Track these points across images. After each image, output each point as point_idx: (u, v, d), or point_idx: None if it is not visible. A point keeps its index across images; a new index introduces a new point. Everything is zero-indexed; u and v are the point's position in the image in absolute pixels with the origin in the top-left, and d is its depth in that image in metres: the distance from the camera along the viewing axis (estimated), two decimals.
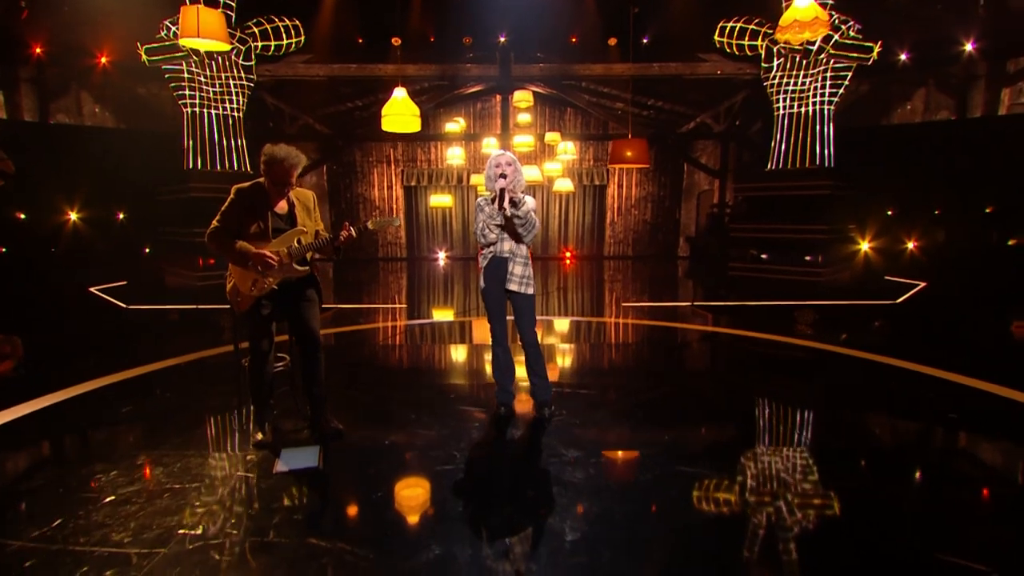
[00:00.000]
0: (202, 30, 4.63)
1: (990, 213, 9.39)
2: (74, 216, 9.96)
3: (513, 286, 3.40)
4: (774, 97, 10.10)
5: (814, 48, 9.37)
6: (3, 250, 9.13)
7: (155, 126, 10.71)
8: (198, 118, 9.75)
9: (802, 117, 9.82)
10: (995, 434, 3.53)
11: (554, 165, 11.19)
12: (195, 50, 8.87)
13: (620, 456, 3.17)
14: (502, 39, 11.88)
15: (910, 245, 10.22)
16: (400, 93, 6.82)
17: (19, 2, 9.33)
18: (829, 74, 9.48)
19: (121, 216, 10.61)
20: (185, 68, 9.50)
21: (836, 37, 9.11)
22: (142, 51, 9.19)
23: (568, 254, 14.48)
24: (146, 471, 2.88)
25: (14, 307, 7.26)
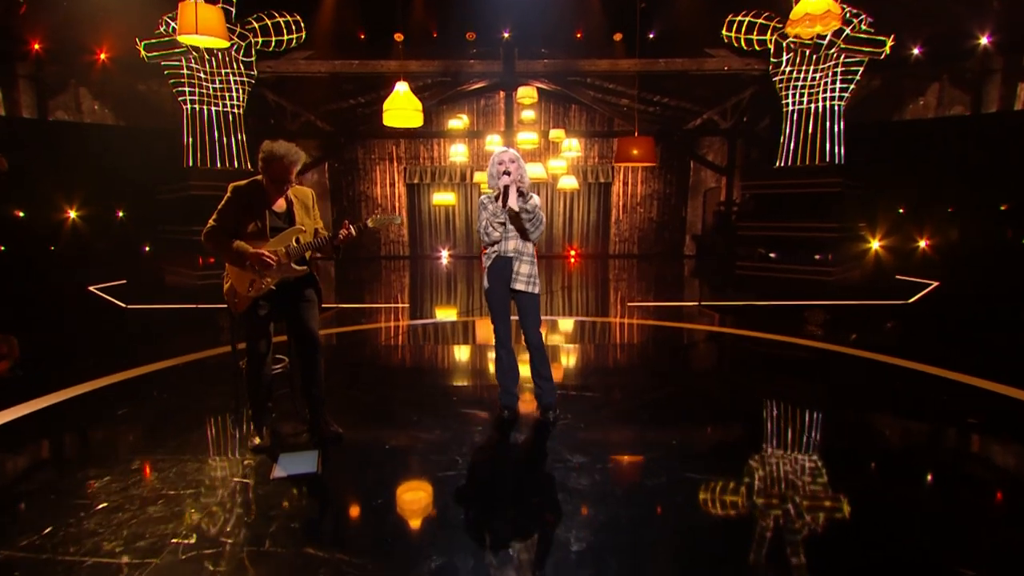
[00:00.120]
0: (201, 26, 4.57)
1: (1005, 211, 9.24)
2: (73, 214, 9.90)
3: (520, 285, 3.34)
4: (783, 93, 9.96)
5: (824, 42, 9.22)
6: (1, 248, 9.06)
7: (155, 123, 10.65)
8: (198, 115, 9.67)
9: (812, 113, 9.70)
10: (1011, 437, 3.45)
11: (559, 162, 11.09)
12: (194, 46, 8.78)
13: (626, 461, 3.09)
14: (506, 34, 11.78)
15: (922, 243, 10.08)
16: (402, 87, 6.73)
17: None
18: (840, 69, 9.34)
19: (121, 214, 10.56)
20: (184, 64, 9.42)
21: (847, 31, 8.97)
22: (141, 47, 9.12)
23: (572, 252, 14.37)
24: (140, 476, 2.83)
25: (12, 306, 7.20)
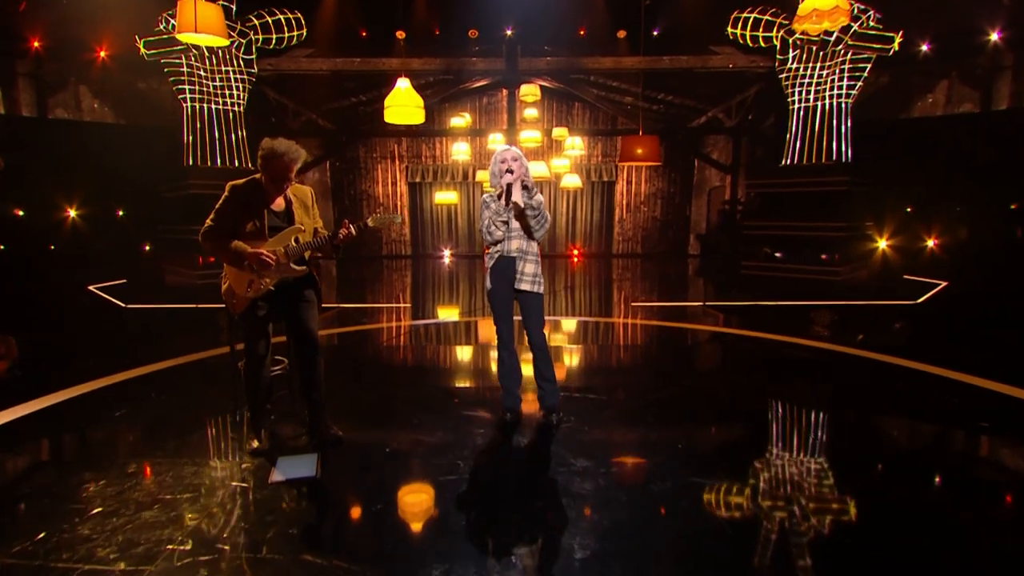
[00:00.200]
0: (200, 24, 4.51)
1: (1015, 209, 9.11)
2: (73, 213, 9.85)
3: (526, 285, 3.29)
4: (789, 90, 9.87)
5: (832, 39, 9.11)
6: (1, 248, 9.00)
7: (155, 121, 10.58)
8: (198, 113, 9.60)
9: (818, 111, 9.60)
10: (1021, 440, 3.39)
11: (562, 161, 11.00)
12: (194, 44, 8.70)
13: (630, 465, 3.03)
14: (509, 32, 11.71)
15: (930, 243, 9.97)
16: (403, 83, 6.65)
17: None
18: (847, 66, 9.24)
19: (120, 213, 10.49)
20: (184, 62, 9.35)
21: (855, 27, 8.85)
22: (140, 44, 9.06)
23: (576, 252, 14.28)
24: (137, 479, 2.78)
25: (11, 306, 7.17)
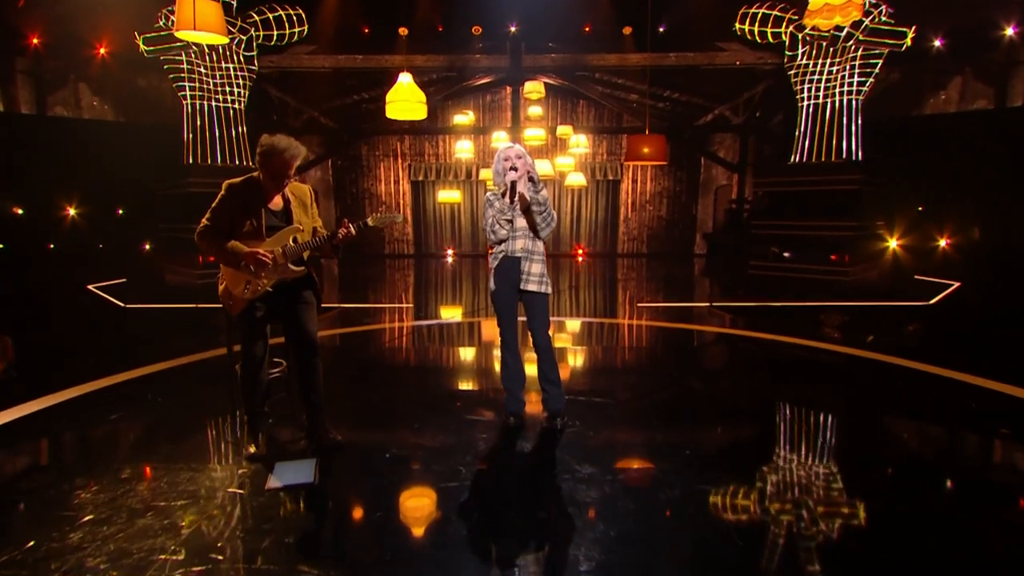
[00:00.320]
0: (198, 22, 4.40)
1: None
2: (72, 212, 9.78)
3: (532, 286, 3.21)
4: (798, 87, 9.67)
5: (842, 34, 8.90)
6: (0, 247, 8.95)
7: (155, 119, 10.49)
8: (198, 110, 9.50)
9: (828, 108, 9.40)
10: None
11: (566, 159, 10.84)
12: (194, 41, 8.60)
13: (637, 472, 2.94)
14: (512, 29, 11.54)
15: (942, 242, 9.77)
16: (405, 79, 6.55)
17: None
18: (858, 62, 9.02)
19: (120, 212, 10.41)
20: (184, 59, 9.24)
21: (867, 22, 8.63)
22: (140, 41, 8.96)
23: (580, 251, 14.12)
24: (130, 486, 2.70)
25: (9, 305, 7.12)
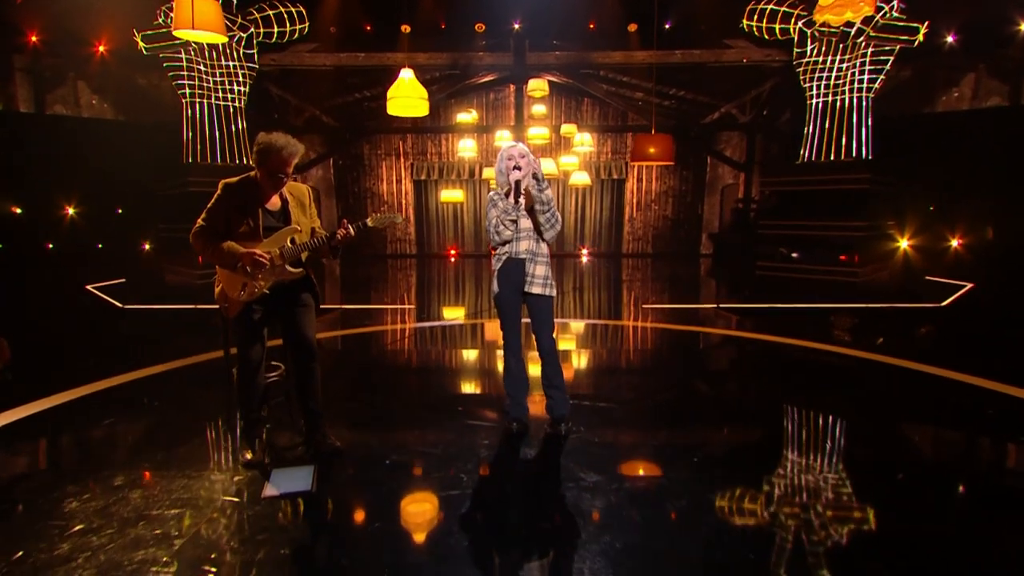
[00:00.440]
0: (197, 21, 4.31)
1: None
2: (71, 211, 9.70)
3: (537, 288, 3.15)
4: (807, 84, 9.50)
5: (853, 30, 8.71)
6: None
7: (155, 118, 10.40)
8: (198, 108, 9.39)
9: (837, 105, 9.22)
10: None
11: (570, 158, 10.70)
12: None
13: (644, 481, 2.85)
14: (516, 26, 11.39)
15: (954, 243, 9.58)
16: (407, 74, 6.43)
17: None
18: (868, 59, 8.84)
19: (120, 211, 10.32)
20: (184, 56, 9.14)
21: (877, 17, 8.45)
22: (139, 38, 8.85)
23: (584, 251, 13.97)
24: (123, 493, 2.62)
25: (6, 306, 7.07)
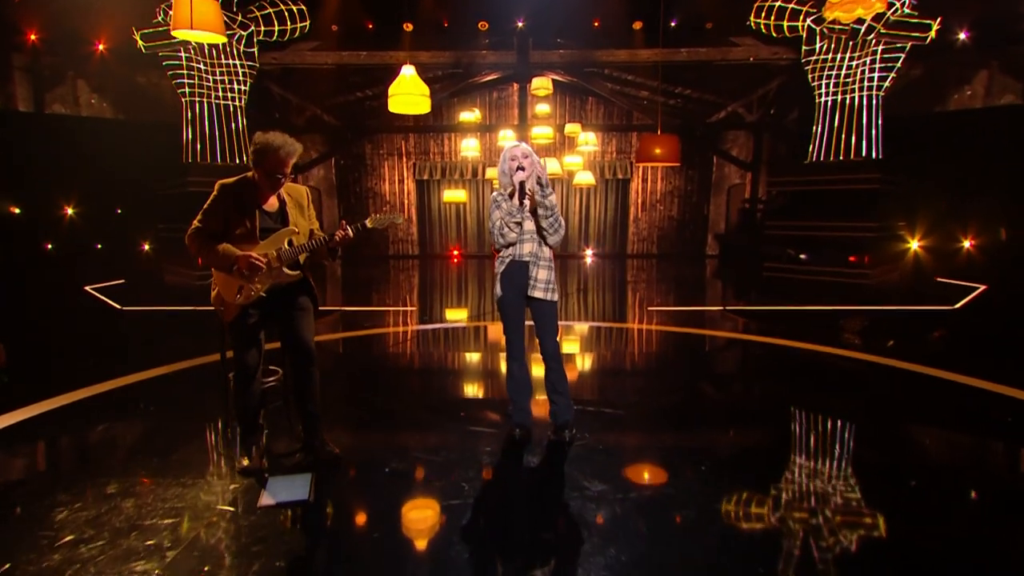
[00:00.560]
0: (196, 20, 4.25)
1: None
2: (70, 211, 9.64)
3: (538, 293, 3.07)
4: (816, 82, 9.35)
5: (863, 28, 8.55)
6: None
7: (155, 117, 10.32)
8: (198, 107, 9.30)
9: (847, 104, 9.06)
10: None
11: (574, 158, 10.56)
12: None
13: (650, 490, 2.76)
14: (520, 24, 11.27)
15: (966, 244, 9.40)
16: (408, 71, 6.34)
17: None
18: (879, 56, 8.68)
19: (119, 211, 10.25)
20: (183, 55, 9.04)
21: (888, 14, 8.29)
22: (138, 37, 8.77)
23: (588, 252, 13.83)
24: (115, 502, 2.55)
25: (5, 308, 7.02)
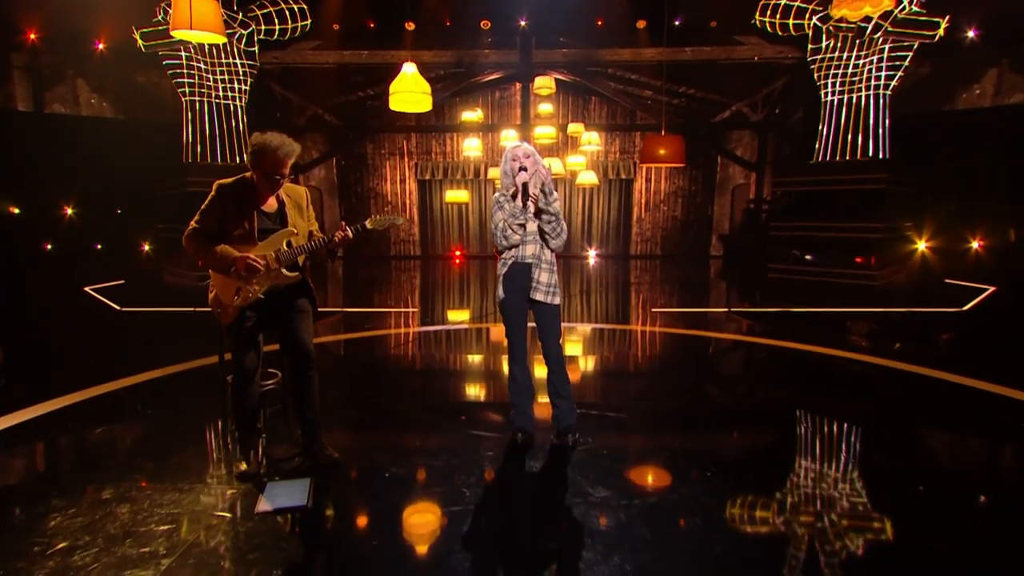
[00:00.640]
0: (195, 21, 4.22)
1: None
2: (70, 211, 9.61)
3: (539, 295, 3.02)
4: (822, 82, 9.25)
5: (870, 26, 8.45)
6: None
7: (155, 116, 10.29)
8: (198, 107, 9.24)
9: (853, 103, 8.96)
10: None
11: (577, 158, 10.48)
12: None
13: (655, 496, 2.69)
14: (522, 23, 11.21)
15: (974, 245, 9.29)
16: (410, 68, 6.28)
17: None
18: (886, 55, 8.57)
19: (119, 211, 10.21)
20: (183, 54, 8.99)
21: (896, 12, 8.19)
22: (138, 36, 8.72)
23: (591, 253, 13.74)
24: (110, 508, 2.50)
25: (3, 308, 7.01)
